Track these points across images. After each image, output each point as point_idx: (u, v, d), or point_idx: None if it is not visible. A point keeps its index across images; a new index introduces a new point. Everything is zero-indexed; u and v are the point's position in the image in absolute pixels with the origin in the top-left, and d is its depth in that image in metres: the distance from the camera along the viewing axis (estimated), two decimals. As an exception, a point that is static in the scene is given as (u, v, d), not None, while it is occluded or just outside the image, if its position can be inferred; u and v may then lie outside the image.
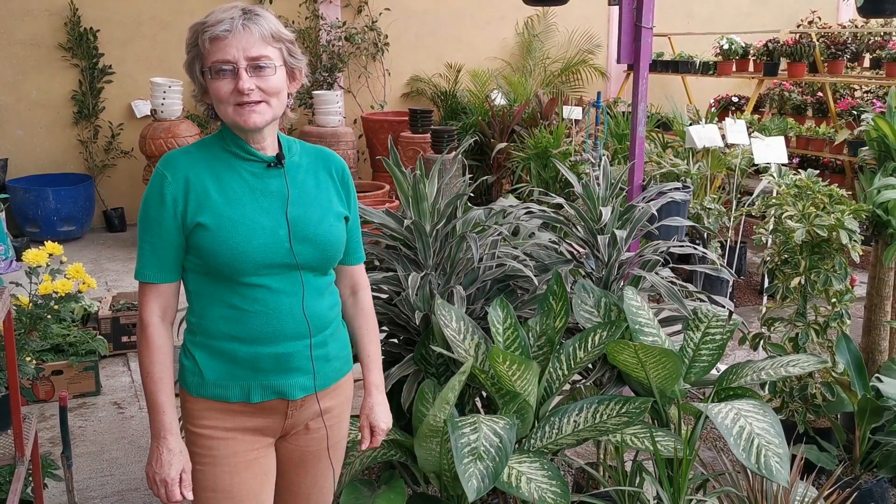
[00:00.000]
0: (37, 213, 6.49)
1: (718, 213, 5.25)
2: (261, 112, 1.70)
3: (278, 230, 1.74)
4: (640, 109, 3.88)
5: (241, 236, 1.70)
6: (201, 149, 1.78)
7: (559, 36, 8.60)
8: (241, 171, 1.76)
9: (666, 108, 7.32)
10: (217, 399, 1.77)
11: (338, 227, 1.84)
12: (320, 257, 1.80)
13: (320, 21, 7.57)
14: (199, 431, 1.78)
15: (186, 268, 1.77)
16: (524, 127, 7.16)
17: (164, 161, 1.76)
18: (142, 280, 1.76)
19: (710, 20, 9.02)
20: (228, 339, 1.75)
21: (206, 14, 1.70)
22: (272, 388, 1.78)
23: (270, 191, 1.76)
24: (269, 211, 1.75)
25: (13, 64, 6.84)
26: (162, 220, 1.71)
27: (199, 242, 1.71)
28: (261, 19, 1.69)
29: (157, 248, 1.73)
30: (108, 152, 7.17)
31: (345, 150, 7.17)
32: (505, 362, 2.27)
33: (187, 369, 1.79)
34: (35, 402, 3.98)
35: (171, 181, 1.72)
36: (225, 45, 1.66)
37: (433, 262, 2.72)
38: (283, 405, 1.81)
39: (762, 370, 2.51)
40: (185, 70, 1.75)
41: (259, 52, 1.67)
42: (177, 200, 1.71)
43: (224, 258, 1.70)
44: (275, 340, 1.76)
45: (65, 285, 2.28)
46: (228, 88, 1.68)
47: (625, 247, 2.76)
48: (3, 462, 2.29)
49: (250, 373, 1.76)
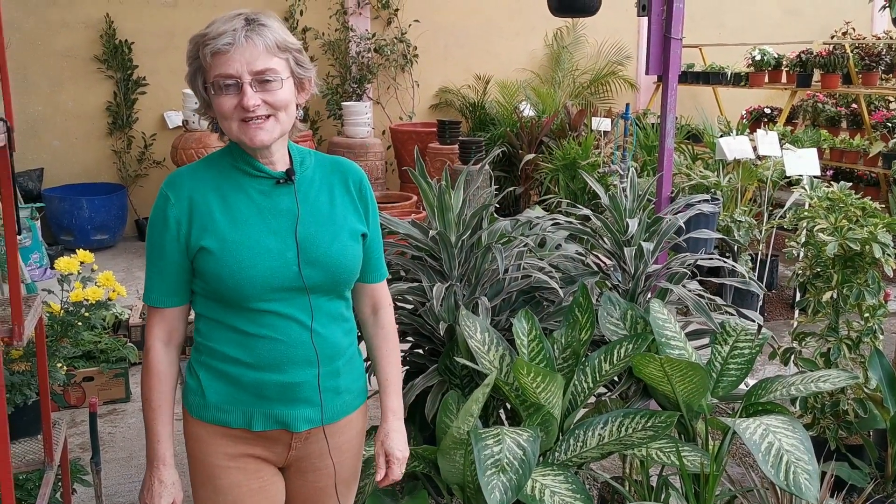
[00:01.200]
0: (71, 222, 6.60)
1: (749, 226, 5.19)
2: (268, 129, 1.61)
3: (286, 252, 1.64)
4: (669, 121, 3.86)
5: (247, 260, 1.61)
6: (208, 166, 1.70)
7: (588, 47, 8.59)
8: (249, 189, 1.67)
9: (696, 120, 7.27)
10: (217, 423, 1.69)
11: (352, 246, 1.73)
12: (331, 280, 1.69)
13: (350, 33, 7.64)
14: (201, 459, 1.72)
15: (194, 290, 1.70)
16: (552, 138, 7.15)
17: (168, 181, 1.68)
18: (148, 304, 1.70)
19: (742, 31, 8.95)
20: (233, 363, 1.67)
21: (208, 24, 1.60)
22: (275, 417, 1.69)
23: (280, 210, 1.67)
24: (277, 232, 1.65)
25: (50, 76, 6.98)
26: (165, 243, 1.65)
27: (202, 267, 1.64)
28: (265, 29, 1.58)
29: (163, 271, 1.67)
30: (140, 162, 7.28)
31: (373, 161, 7.22)
32: (529, 374, 2.26)
33: (190, 388, 1.73)
34: (66, 407, 4.04)
35: (175, 203, 1.64)
36: (227, 58, 1.56)
37: (458, 273, 2.72)
38: (286, 436, 1.72)
39: (792, 385, 2.47)
40: (188, 83, 1.66)
41: (264, 65, 1.57)
42: (180, 223, 1.64)
43: (228, 283, 1.61)
44: (281, 368, 1.67)
45: (95, 293, 2.31)
46: (232, 104, 1.59)
47: (651, 259, 2.74)
48: (33, 467, 2.32)
49: (254, 399, 1.68)
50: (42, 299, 2.22)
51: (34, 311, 2.06)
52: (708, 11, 8.86)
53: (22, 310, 1.93)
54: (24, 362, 2.29)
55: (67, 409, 4.04)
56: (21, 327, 1.90)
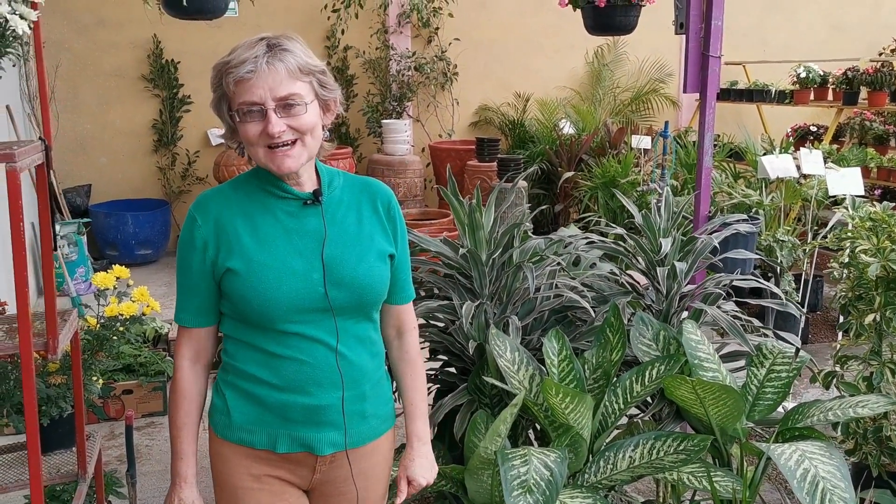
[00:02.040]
0: (116, 237, 6.73)
1: (792, 246, 5.09)
2: (295, 156, 1.61)
3: (312, 273, 1.64)
4: (707, 139, 3.81)
5: (272, 282, 1.61)
6: (236, 188, 1.71)
7: (630, 65, 8.54)
8: (276, 210, 1.67)
9: (739, 138, 7.17)
10: (242, 444, 1.69)
11: (379, 267, 1.72)
12: (357, 302, 1.68)
13: (391, 51, 7.70)
14: (226, 479, 1.72)
15: (222, 311, 1.71)
16: (592, 156, 7.11)
17: (196, 203, 1.69)
18: (178, 323, 1.73)
19: (786, 48, 8.82)
20: (259, 384, 1.67)
21: (230, 51, 1.61)
22: (300, 440, 1.69)
23: (306, 231, 1.67)
24: (303, 253, 1.65)
25: (99, 94, 7.16)
26: (193, 264, 1.66)
27: (229, 288, 1.64)
28: (287, 54, 1.58)
29: (191, 291, 1.68)
30: (184, 178, 7.41)
31: (412, 178, 7.25)
32: (558, 395, 2.24)
33: (216, 408, 1.73)
34: (106, 419, 4.11)
35: (202, 224, 1.65)
36: (250, 86, 1.56)
37: (489, 292, 2.71)
38: (311, 459, 1.71)
39: (830, 410, 2.40)
40: (213, 109, 1.67)
41: (287, 90, 1.57)
42: (207, 245, 1.65)
43: (254, 305, 1.61)
44: (306, 390, 1.66)
45: (129, 308, 2.35)
46: (257, 130, 1.59)
47: (685, 279, 2.70)
48: (68, 479, 2.36)
49: (279, 421, 1.68)
50: (79, 313, 2.27)
51: (69, 326, 2.10)
52: (752, 29, 8.76)
53: (57, 324, 1.97)
54: (60, 375, 2.34)
55: (107, 420, 4.12)
56: (55, 341, 1.94)
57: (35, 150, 1.81)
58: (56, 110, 6.91)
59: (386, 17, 7.72)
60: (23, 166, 1.68)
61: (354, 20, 7.48)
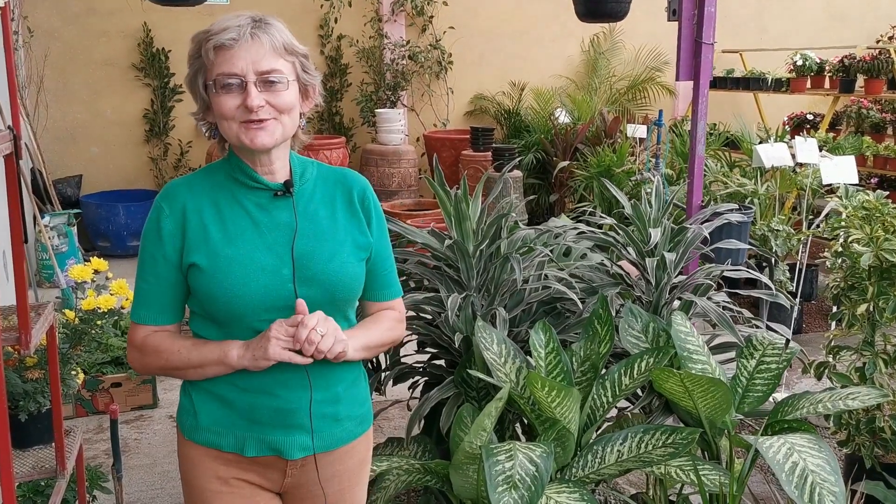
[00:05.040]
0: (108, 228, 6.69)
1: (787, 235, 5.05)
2: (270, 131, 1.54)
3: (282, 269, 1.57)
4: (700, 128, 3.77)
5: (239, 277, 1.54)
6: (205, 177, 1.63)
7: (626, 53, 8.48)
8: (246, 202, 1.60)
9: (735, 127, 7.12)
10: (210, 446, 1.63)
11: (353, 264, 1.64)
12: (329, 299, 1.60)
13: (384, 40, 7.64)
14: (193, 482, 1.66)
15: (190, 309, 1.64)
16: (588, 145, 7.06)
17: (163, 191, 1.62)
18: (135, 321, 1.62)
19: (785, 36, 8.76)
20: (226, 385, 1.60)
21: (212, 23, 1.54)
22: (269, 443, 1.62)
23: (277, 224, 1.59)
24: (272, 247, 1.57)
25: (89, 84, 7.09)
26: (158, 256, 1.58)
27: (194, 284, 1.57)
28: (272, 28, 1.53)
29: (153, 286, 1.59)
30: (177, 169, 7.36)
31: (406, 168, 7.21)
32: (544, 388, 2.20)
33: (184, 408, 1.67)
34: (94, 412, 4.07)
35: (169, 214, 1.58)
36: (231, 55, 1.50)
37: (476, 284, 2.67)
38: (281, 463, 1.65)
39: (819, 402, 2.37)
40: (187, 86, 1.61)
41: (270, 65, 1.51)
42: (174, 236, 1.57)
43: (220, 302, 1.54)
44: (273, 392, 1.59)
45: (107, 301, 2.31)
46: (234, 104, 1.51)
47: (674, 270, 2.66)
48: (47, 475, 2.32)
49: (246, 423, 1.61)
50: (69, 305, 2.22)
51: (44, 320, 2.06)
52: (750, 16, 8.70)
53: (30, 318, 1.93)
54: (38, 370, 2.30)
55: (95, 414, 4.08)
56: (28, 335, 1.90)
57: (2, 139, 1.77)
58: (45, 100, 6.85)
59: (380, 5, 7.66)
60: (-13, 157, 1.63)
61: (348, 8, 7.41)
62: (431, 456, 2.57)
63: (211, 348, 1.58)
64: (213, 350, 1.57)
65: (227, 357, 1.56)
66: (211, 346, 1.58)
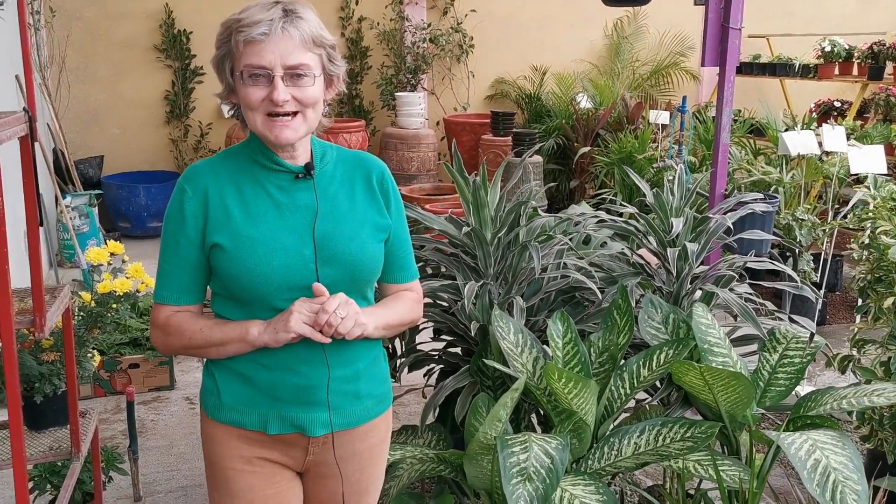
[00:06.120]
0: (128, 209, 6.71)
1: (812, 225, 4.96)
2: (294, 127, 1.56)
3: (303, 250, 1.59)
4: (725, 115, 3.70)
5: (260, 257, 1.56)
6: (226, 159, 1.66)
7: (650, 38, 8.36)
8: (267, 184, 1.62)
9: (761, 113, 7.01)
10: (233, 425, 1.65)
11: (372, 244, 1.67)
12: (349, 279, 1.63)
13: (405, 23, 7.58)
14: (216, 461, 1.69)
15: (212, 290, 1.67)
16: (609, 131, 6.98)
17: (186, 173, 1.64)
18: (158, 301, 1.65)
19: (813, 21, 8.60)
20: (248, 362, 1.62)
21: (242, 9, 1.53)
22: (291, 420, 1.64)
23: (297, 206, 1.62)
24: (294, 228, 1.60)
25: (111, 65, 7.10)
26: (181, 237, 1.60)
27: (216, 264, 1.59)
28: (303, 22, 1.53)
29: (176, 267, 1.62)
30: (196, 151, 7.36)
31: (425, 153, 7.16)
32: (560, 380, 2.17)
33: (207, 389, 1.69)
34: (112, 393, 4.09)
35: (192, 195, 1.60)
36: (261, 48, 1.51)
37: (494, 272, 2.63)
38: (303, 440, 1.67)
39: (843, 398, 2.31)
40: (213, 66, 1.61)
41: (298, 59, 1.52)
42: (196, 217, 1.59)
43: (243, 282, 1.57)
44: (295, 369, 1.62)
45: (123, 284, 2.30)
46: (260, 96, 1.53)
47: (696, 261, 2.61)
48: (62, 456, 2.33)
49: (269, 401, 1.63)
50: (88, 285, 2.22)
51: (59, 302, 2.06)
52: (777, 0, 8.54)
53: (44, 301, 1.92)
54: (54, 352, 2.30)
55: (114, 394, 4.10)
56: (42, 318, 1.90)
57: (18, 121, 1.75)
58: (67, 80, 6.86)
59: (401, -13, 7.60)
60: (2, 138, 1.62)
61: (369, -10, 7.37)
62: (446, 445, 2.55)
63: (232, 326, 1.61)
64: (234, 328, 1.60)
65: (248, 334, 1.58)
66: (232, 324, 1.62)
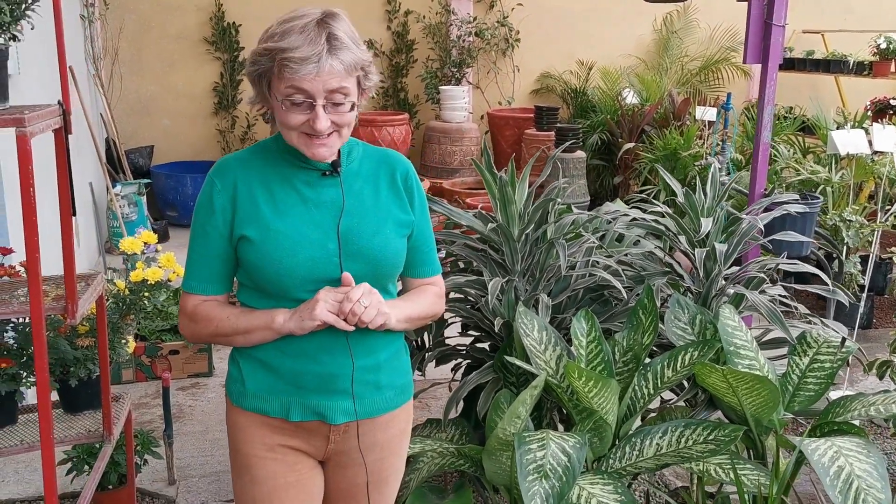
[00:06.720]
0: (176, 199, 6.85)
1: (859, 226, 4.83)
2: (330, 145, 1.60)
3: (328, 243, 1.63)
4: (766, 113, 3.63)
5: (287, 250, 1.61)
6: (255, 154, 1.70)
7: (700, 32, 8.22)
8: (294, 179, 1.66)
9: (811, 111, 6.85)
10: (256, 412, 1.70)
11: (395, 240, 1.71)
12: (372, 273, 1.67)
13: (451, 16, 7.58)
14: (239, 447, 1.73)
15: (238, 281, 1.72)
16: (654, 127, 6.90)
17: (216, 167, 1.69)
18: (186, 290, 1.70)
19: (871, 17, 8.35)
20: (272, 350, 1.67)
21: (282, 29, 1.53)
22: (313, 408, 1.68)
23: (323, 201, 1.66)
24: (319, 223, 1.64)
25: (163, 57, 7.25)
26: (210, 228, 1.65)
27: (244, 256, 1.64)
28: (345, 52, 1.54)
29: (204, 257, 1.67)
30: (243, 142, 7.48)
31: (468, 146, 7.16)
32: (581, 378, 2.17)
33: (232, 377, 1.75)
34: (153, 378, 4.20)
35: (221, 189, 1.65)
36: (302, 78, 1.52)
37: (521, 268, 2.63)
38: (324, 428, 1.71)
39: (872, 405, 2.27)
40: (247, 75, 1.62)
41: (339, 84, 1.54)
42: (225, 209, 1.64)
43: (269, 273, 1.61)
44: (317, 358, 1.66)
45: (155, 273, 2.36)
46: (300, 120, 1.56)
47: (726, 261, 2.57)
48: (95, 439, 2.40)
49: (292, 389, 1.68)
50: (104, 276, 2.29)
51: (92, 290, 2.12)
52: (836, -4, 8.33)
53: (76, 288, 1.98)
54: (88, 338, 2.37)
55: (154, 379, 4.21)
56: (74, 305, 1.96)
57: (51, 114, 1.81)
58: (120, 72, 7.02)
59: (447, -20, 7.60)
60: (34, 131, 1.68)
61: (415, -17, 7.38)
62: (468, 439, 2.56)
63: (258, 314, 1.65)
64: (260, 316, 1.65)
65: (273, 322, 1.63)
66: (258, 312, 1.66)
